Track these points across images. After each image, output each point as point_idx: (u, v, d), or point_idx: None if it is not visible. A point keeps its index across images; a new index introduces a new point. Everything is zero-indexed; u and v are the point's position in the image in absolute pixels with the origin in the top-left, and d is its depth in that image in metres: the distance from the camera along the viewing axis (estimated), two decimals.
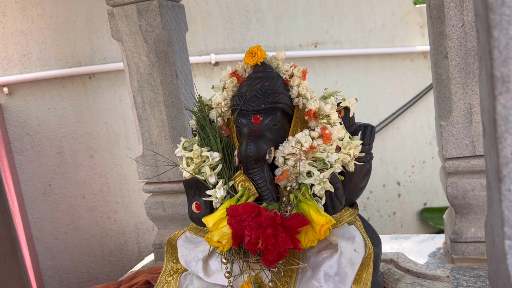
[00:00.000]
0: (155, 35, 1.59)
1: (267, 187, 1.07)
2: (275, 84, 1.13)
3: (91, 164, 2.13)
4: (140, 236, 2.22)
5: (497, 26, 0.42)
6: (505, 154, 0.45)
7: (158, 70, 1.62)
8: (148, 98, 1.65)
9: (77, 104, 2.10)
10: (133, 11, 1.58)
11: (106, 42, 2.10)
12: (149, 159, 1.70)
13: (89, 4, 2.08)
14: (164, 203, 1.72)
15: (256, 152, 1.05)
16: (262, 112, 1.09)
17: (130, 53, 1.63)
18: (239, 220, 0.97)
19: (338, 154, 1.05)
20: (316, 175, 1.00)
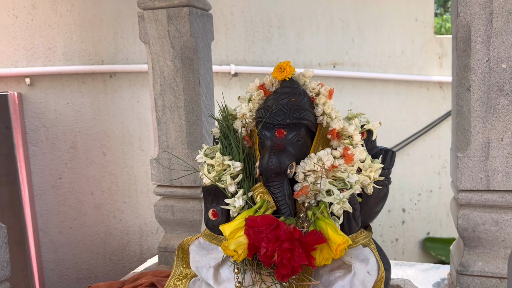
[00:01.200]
0: (182, 41, 1.64)
1: (285, 201, 1.08)
2: (301, 100, 1.15)
3: (103, 162, 2.17)
4: (144, 238, 2.24)
5: None
6: None
7: (182, 75, 1.67)
8: (169, 102, 1.69)
9: (96, 101, 2.14)
10: (163, 15, 1.64)
11: (130, 43, 2.14)
12: (163, 162, 1.73)
13: (117, 5, 2.13)
14: (173, 207, 1.76)
15: (277, 166, 1.06)
16: (286, 126, 1.11)
17: (156, 57, 1.68)
18: (257, 232, 0.98)
19: (358, 176, 1.06)
20: (336, 194, 1.01)
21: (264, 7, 2.32)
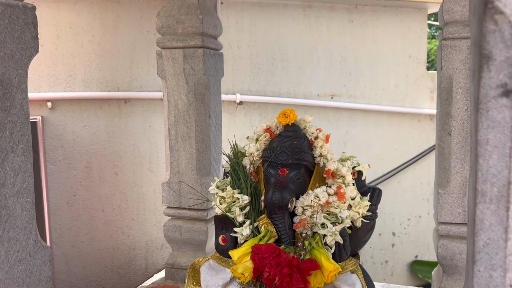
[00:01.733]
0: (196, 78, 1.76)
1: (286, 231, 1.21)
2: (302, 143, 1.27)
3: (115, 181, 2.25)
4: (149, 253, 2.32)
5: (481, 156, 0.60)
6: (479, 245, 0.62)
7: (194, 109, 1.78)
8: (181, 132, 1.80)
9: (110, 124, 2.23)
10: (179, 55, 1.76)
11: (145, 72, 2.25)
12: (174, 186, 1.83)
13: (134, 37, 2.25)
14: (181, 228, 1.85)
15: (280, 200, 1.18)
16: (288, 166, 1.24)
17: (172, 91, 1.80)
18: (261, 258, 1.11)
19: (349, 211, 1.19)
20: (329, 227, 1.14)
21: (268, 42, 2.43)
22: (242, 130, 2.35)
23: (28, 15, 0.99)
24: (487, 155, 0.61)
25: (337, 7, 2.49)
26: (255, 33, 2.44)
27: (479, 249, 0.62)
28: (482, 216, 0.62)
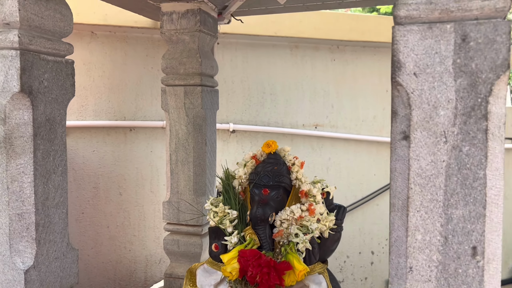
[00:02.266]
0: (195, 112, 1.90)
1: (266, 240, 1.37)
2: (281, 169, 1.44)
3: (119, 200, 2.36)
4: (148, 267, 2.41)
5: (392, 179, 0.85)
6: (392, 240, 0.87)
7: (193, 137, 1.91)
8: (181, 157, 1.93)
9: (117, 150, 2.35)
10: (181, 91, 1.90)
11: (148, 103, 2.38)
12: (173, 204, 1.95)
13: (140, 72, 2.37)
14: (179, 241, 1.97)
15: (262, 215, 1.35)
16: (270, 187, 1.39)
17: (173, 122, 1.93)
18: (246, 260, 1.28)
19: (318, 224, 1.35)
20: (301, 237, 1.31)
21: (259, 77, 2.56)
22: (235, 155, 2.47)
23: (69, 68, 1.24)
24: (395, 179, 0.87)
25: (321, 47, 2.63)
26: (247, 69, 2.56)
27: (392, 243, 0.88)
28: (393, 221, 0.87)
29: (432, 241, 0.86)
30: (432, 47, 0.83)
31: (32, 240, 1.14)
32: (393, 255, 0.88)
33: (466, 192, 0.83)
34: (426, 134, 0.84)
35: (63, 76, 1.20)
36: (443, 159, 0.82)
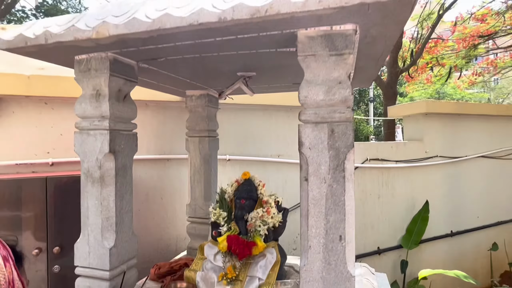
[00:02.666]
0: (204, 152, 1.99)
1: (243, 229, 1.48)
2: (252, 188, 1.56)
3: (161, 203, 2.41)
4: (178, 242, 2.46)
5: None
6: (303, 230, 1.06)
7: (203, 166, 2.00)
8: (196, 178, 2.02)
9: (159, 172, 2.38)
10: (196, 140, 2.00)
11: (178, 145, 2.40)
12: (192, 205, 2.04)
13: (173, 127, 2.39)
14: (195, 228, 2.05)
15: (241, 215, 1.49)
16: (245, 199, 1.52)
17: (192, 157, 2.01)
18: (231, 240, 1.41)
19: (272, 220, 1.48)
20: (262, 227, 1.45)
21: (244, 128, 2.63)
22: (229, 175, 2.49)
23: (135, 137, 1.36)
24: (301, 200, 1.05)
25: (280, 109, 2.68)
26: (237, 123, 2.61)
27: (301, 234, 1.05)
28: (301, 222, 1.06)
29: (320, 232, 0.98)
30: (317, 135, 1.01)
31: (113, 232, 1.26)
32: (302, 240, 1.04)
33: (335, 208, 1.00)
34: (316, 179, 1.01)
35: (131, 142, 1.36)
36: (324, 191, 1.01)
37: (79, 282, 1.26)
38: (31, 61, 1.60)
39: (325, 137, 0.99)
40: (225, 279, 1.38)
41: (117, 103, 1.25)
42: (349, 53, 0.95)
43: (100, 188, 1.21)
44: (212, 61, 1.30)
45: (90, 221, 1.23)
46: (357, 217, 3.11)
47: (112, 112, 1.22)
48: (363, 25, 0.93)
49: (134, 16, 0.97)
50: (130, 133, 1.36)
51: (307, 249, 1.02)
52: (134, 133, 1.39)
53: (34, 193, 1.73)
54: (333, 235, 0.98)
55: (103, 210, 1.23)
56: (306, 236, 1.02)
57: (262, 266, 1.40)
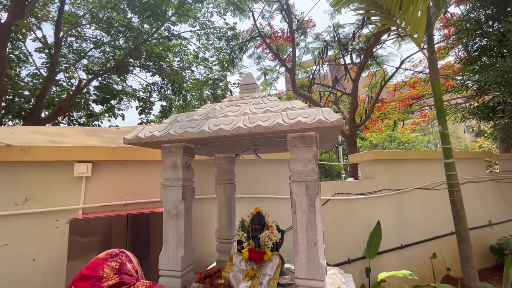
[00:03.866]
0: (226, 193, 2.23)
1: (258, 244, 1.75)
2: (261, 218, 1.83)
3: (201, 229, 2.50)
4: (207, 257, 2.50)
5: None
6: (295, 224, 1.50)
7: (227, 203, 2.23)
8: (222, 211, 2.21)
9: (198, 207, 2.51)
10: (221, 186, 2.24)
11: (209, 188, 2.57)
12: (219, 230, 2.25)
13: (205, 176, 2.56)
14: (222, 246, 2.19)
15: (255, 235, 1.76)
16: (258, 224, 1.80)
17: (219, 197, 2.23)
18: (251, 251, 1.70)
19: (274, 237, 1.76)
20: (269, 242, 1.73)
21: (252, 175, 2.76)
22: (241, 208, 2.64)
23: (193, 190, 1.87)
24: (293, 223, 1.51)
25: (274, 161, 2.83)
26: (246, 172, 2.79)
27: (294, 243, 1.48)
28: (294, 237, 1.50)
29: (303, 241, 1.30)
30: (299, 188, 1.43)
31: (183, 247, 1.62)
32: (294, 247, 1.43)
33: (311, 228, 1.36)
34: (300, 212, 1.39)
35: (192, 192, 1.72)
36: (305, 219, 1.44)
37: (162, 279, 1.62)
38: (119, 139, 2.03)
39: (303, 189, 1.43)
40: (247, 277, 1.68)
41: (185, 170, 1.72)
42: (313, 145, 1.46)
43: (176, 221, 1.62)
44: (235, 143, 1.79)
45: (169, 240, 1.62)
46: (331, 236, 3.46)
47: (183, 176, 1.69)
48: (319, 132, 1.47)
49: (202, 129, 1.50)
50: (191, 186, 1.79)
51: (297, 252, 1.40)
52: (193, 187, 1.82)
53: (119, 224, 2.10)
54: (311, 243, 1.37)
55: (177, 234, 1.62)
56: (297, 244, 1.41)
57: (270, 267, 1.70)
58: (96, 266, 1.00)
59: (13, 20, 3.94)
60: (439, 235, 4.33)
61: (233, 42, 7.37)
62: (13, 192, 2.19)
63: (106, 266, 1.01)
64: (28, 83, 7.39)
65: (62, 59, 7.74)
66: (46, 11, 7.17)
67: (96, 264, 1.01)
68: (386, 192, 3.97)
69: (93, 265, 1.00)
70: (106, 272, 0.98)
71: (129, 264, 1.08)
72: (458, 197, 2.55)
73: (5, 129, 1.57)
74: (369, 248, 3.55)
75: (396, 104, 9.53)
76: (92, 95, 7.09)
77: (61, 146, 2.29)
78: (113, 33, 7.14)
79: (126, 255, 1.11)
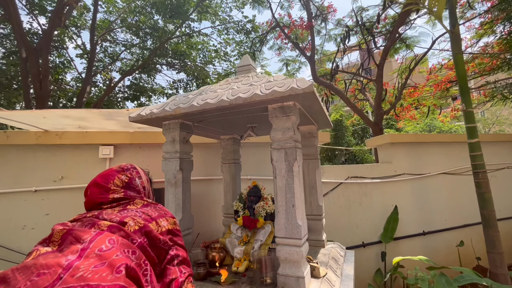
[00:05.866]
0: (231, 172, 2.39)
1: (252, 213, 1.87)
2: (257, 190, 1.95)
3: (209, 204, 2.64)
4: (218, 233, 2.60)
5: None
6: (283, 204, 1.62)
7: (231, 182, 2.38)
8: (227, 188, 2.35)
9: (207, 188, 2.66)
10: (227, 165, 2.41)
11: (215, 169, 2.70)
12: (225, 206, 2.40)
13: (213, 158, 2.72)
14: (227, 220, 2.28)
15: (251, 205, 1.88)
16: (254, 196, 1.93)
17: (225, 176, 2.39)
18: (245, 219, 1.85)
19: (268, 208, 1.88)
20: (263, 212, 1.86)
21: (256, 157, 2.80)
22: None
23: (191, 162, 2.09)
24: (274, 187, 1.64)
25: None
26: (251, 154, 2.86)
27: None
28: (275, 198, 1.62)
29: (282, 204, 1.36)
30: (279, 155, 1.53)
31: (181, 211, 1.82)
32: (275, 208, 1.59)
33: (289, 191, 1.44)
34: (280, 177, 1.46)
35: (190, 164, 1.93)
36: (284, 183, 1.56)
37: None
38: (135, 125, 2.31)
39: (282, 156, 1.46)
40: (242, 242, 1.84)
41: (183, 144, 1.93)
42: (292, 114, 1.56)
43: (175, 188, 1.81)
44: (232, 121, 1.97)
45: (169, 206, 1.81)
46: (343, 219, 3.49)
47: (181, 149, 1.90)
48: (298, 102, 1.57)
49: (191, 103, 1.70)
50: (189, 159, 1.98)
51: (277, 213, 1.50)
52: (191, 159, 1.97)
53: None
54: (289, 204, 1.45)
55: (175, 200, 1.80)
56: (277, 206, 1.55)
57: (263, 233, 1.83)
58: (108, 177, 1.03)
59: (53, 28, 4.54)
60: (469, 223, 4.07)
61: (252, 35, 7.51)
62: (52, 171, 2.61)
63: (117, 178, 1.03)
64: (72, 87, 8.35)
65: (99, 63, 8.58)
66: (85, 20, 7.99)
67: (109, 174, 1.04)
68: (406, 176, 3.84)
69: (106, 175, 1.04)
70: (115, 184, 1.01)
71: (138, 180, 1.10)
72: (483, 178, 2.44)
73: (39, 112, 1.92)
74: (386, 232, 3.50)
75: (431, 89, 8.92)
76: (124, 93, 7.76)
77: (88, 132, 2.65)
78: (141, 35, 7.71)
79: (136, 171, 1.14)
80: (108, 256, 0.71)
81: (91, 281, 0.63)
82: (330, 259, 1.76)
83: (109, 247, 0.73)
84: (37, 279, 0.63)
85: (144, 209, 0.94)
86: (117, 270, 0.67)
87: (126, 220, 0.84)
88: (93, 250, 0.72)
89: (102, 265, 0.68)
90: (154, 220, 0.90)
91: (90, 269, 0.66)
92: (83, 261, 0.68)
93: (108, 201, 0.96)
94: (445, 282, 1.86)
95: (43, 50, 4.55)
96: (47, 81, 4.53)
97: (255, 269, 1.43)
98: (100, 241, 0.75)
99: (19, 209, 2.47)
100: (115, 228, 0.81)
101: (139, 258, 0.77)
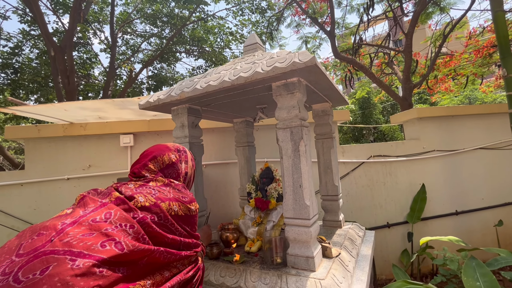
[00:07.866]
0: (245, 155, 2.40)
1: (264, 194, 1.83)
2: (269, 172, 1.92)
3: (225, 191, 2.72)
4: (236, 215, 2.68)
5: None
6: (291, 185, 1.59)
7: (246, 165, 2.40)
8: (242, 171, 2.41)
9: (223, 172, 2.73)
10: (241, 149, 2.43)
11: (230, 153, 2.74)
12: (240, 188, 2.45)
13: (228, 141, 2.74)
14: (243, 202, 2.33)
15: (263, 187, 1.88)
16: (266, 178, 1.90)
17: (239, 159, 2.43)
18: (257, 200, 1.87)
19: (280, 189, 1.84)
20: (275, 193, 1.85)
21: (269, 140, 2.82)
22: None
23: (202, 147, 2.12)
24: (282, 168, 1.59)
25: None
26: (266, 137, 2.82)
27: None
28: (283, 177, 1.59)
29: (290, 184, 1.34)
30: (285, 134, 1.44)
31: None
32: (283, 189, 1.57)
33: (296, 171, 1.36)
34: (286, 157, 1.39)
35: (200, 148, 1.97)
36: (290, 163, 1.48)
37: None
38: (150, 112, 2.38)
39: (288, 135, 1.36)
40: (255, 223, 1.86)
41: (192, 129, 1.95)
42: (296, 91, 1.49)
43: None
44: (240, 103, 1.94)
45: None
46: (366, 199, 3.39)
47: (190, 133, 1.91)
48: (302, 77, 1.50)
49: (195, 87, 1.69)
50: (199, 143, 1.98)
51: (285, 193, 1.44)
52: (201, 144, 1.96)
53: None
54: (296, 185, 1.39)
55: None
56: (284, 187, 1.50)
57: (275, 214, 1.80)
58: (162, 150, 1.07)
59: (74, 25, 4.74)
60: (511, 201, 3.75)
61: (268, 13, 7.25)
62: (80, 160, 2.81)
63: (167, 155, 1.07)
64: (100, 81, 8.76)
65: (123, 56, 8.86)
66: (106, 15, 8.22)
67: (163, 148, 1.09)
68: (436, 153, 3.59)
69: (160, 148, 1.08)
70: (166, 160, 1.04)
71: (184, 164, 1.12)
72: None
73: (59, 105, 2.04)
74: (412, 212, 3.35)
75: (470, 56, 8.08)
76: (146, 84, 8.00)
77: (108, 122, 2.79)
78: (159, 24, 7.79)
79: (185, 156, 1.16)
80: (98, 228, 0.72)
81: (75, 248, 0.66)
82: (346, 240, 1.73)
83: (103, 219, 0.75)
84: (36, 239, 0.68)
85: (162, 188, 0.95)
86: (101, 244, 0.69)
87: (135, 196, 0.86)
88: (88, 219, 0.74)
89: (90, 235, 0.70)
90: (168, 201, 0.91)
91: (77, 237, 0.68)
92: (74, 228, 0.71)
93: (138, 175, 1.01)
94: (476, 265, 1.73)
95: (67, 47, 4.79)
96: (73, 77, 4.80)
97: (265, 250, 1.44)
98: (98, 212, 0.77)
99: (56, 195, 2.71)
100: (120, 201, 0.83)
101: (137, 233, 0.78)
